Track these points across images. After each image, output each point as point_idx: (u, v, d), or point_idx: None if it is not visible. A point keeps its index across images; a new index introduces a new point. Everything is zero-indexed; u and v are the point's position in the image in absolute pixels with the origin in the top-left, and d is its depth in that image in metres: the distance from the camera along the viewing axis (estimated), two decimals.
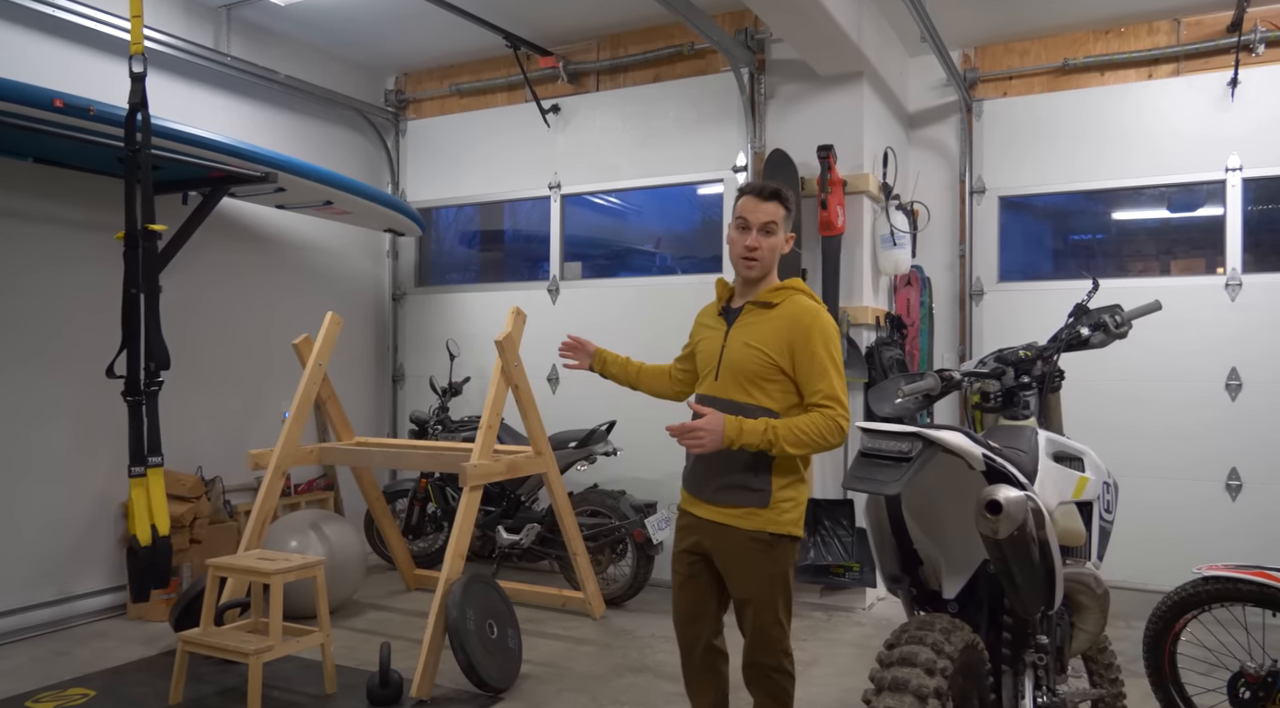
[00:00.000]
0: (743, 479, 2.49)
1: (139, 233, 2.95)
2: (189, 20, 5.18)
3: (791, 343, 2.47)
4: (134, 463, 2.98)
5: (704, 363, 2.64)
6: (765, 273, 2.59)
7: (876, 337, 5.09)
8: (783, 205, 2.56)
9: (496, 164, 6.21)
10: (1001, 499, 1.73)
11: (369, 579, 5.46)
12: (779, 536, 2.50)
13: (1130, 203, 5.43)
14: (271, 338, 5.51)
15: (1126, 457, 4.93)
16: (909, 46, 5.55)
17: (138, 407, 2.99)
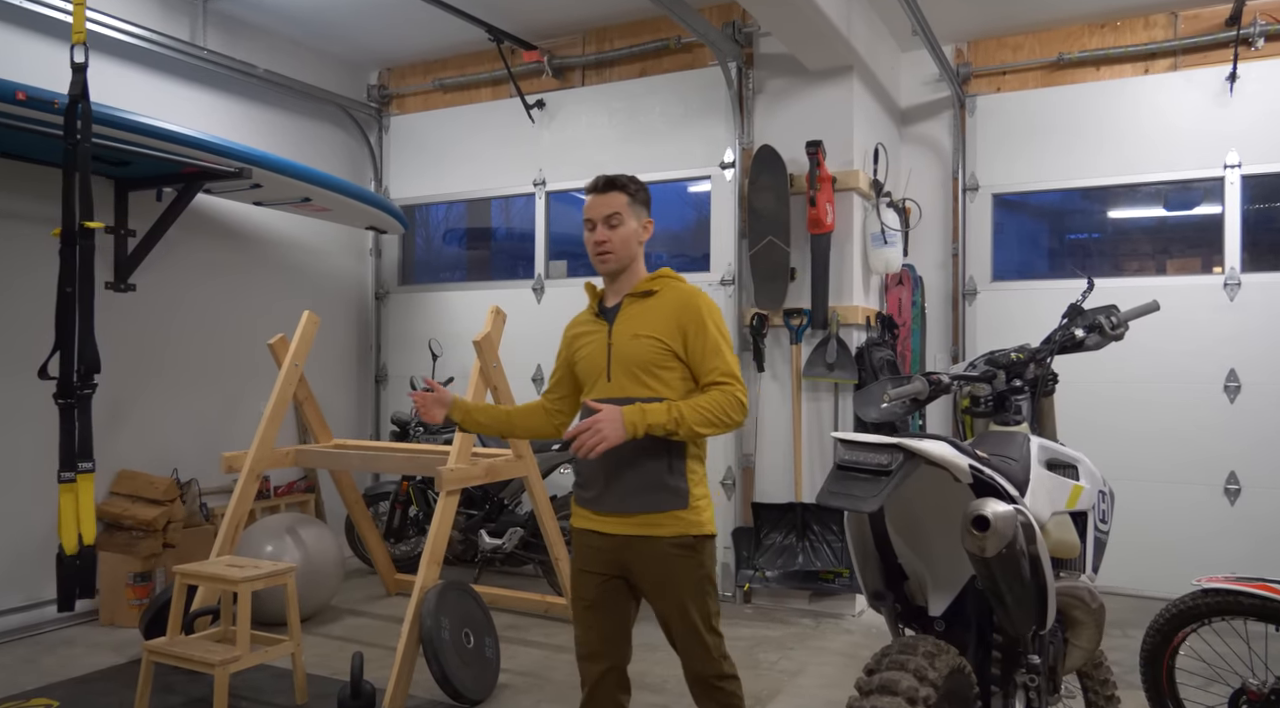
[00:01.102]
0: (659, 480, 2.34)
1: (76, 230, 2.80)
2: (164, 13, 5.05)
3: (682, 325, 2.37)
4: (63, 468, 2.83)
5: (590, 369, 2.47)
6: (625, 264, 2.47)
7: (867, 337, 4.98)
8: (623, 192, 2.46)
9: (481, 161, 6.09)
10: (989, 515, 1.62)
11: (349, 583, 5.34)
12: (701, 537, 2.38)
13: (1126, 201, 5.33)
14: (251, 337, 5.39)
15: (1122, 461, 4.84)
16: (900, 41, 5.44)
17: (69, 410, 2.84)
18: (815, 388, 4.95)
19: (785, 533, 4.85)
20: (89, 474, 2.84)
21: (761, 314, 5.02)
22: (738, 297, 5.18)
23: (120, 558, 4.48)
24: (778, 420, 5.00)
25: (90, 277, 2.82)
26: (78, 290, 2.77)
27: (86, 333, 2.82)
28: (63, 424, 2.85)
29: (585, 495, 2.47)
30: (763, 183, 4.98)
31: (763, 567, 4.84)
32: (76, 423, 2.81)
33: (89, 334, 2.83)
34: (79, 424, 2.82)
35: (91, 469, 2.84)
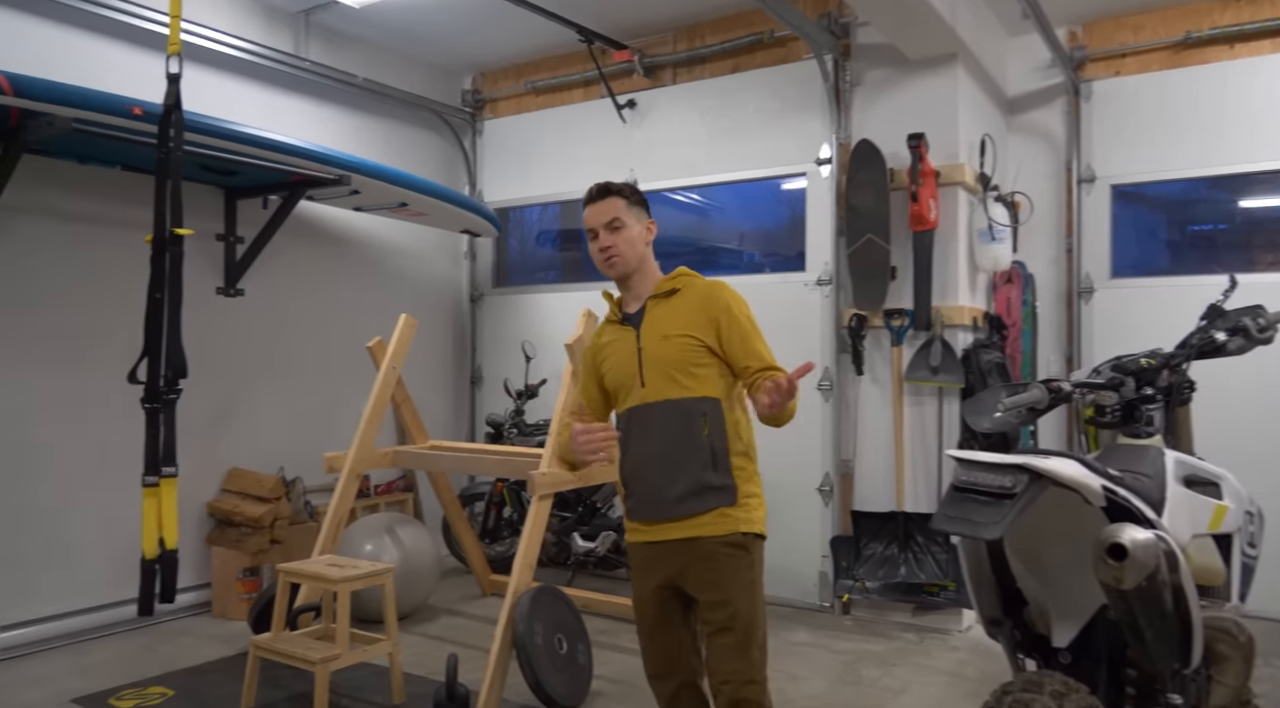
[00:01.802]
0: (705, 478, 2.27)
1: (166, 237, 2.85)
2: (269, 27, 5.21)
3: (713, 319, 2.35)
4: (147, 472, 2.87)
5: (621, 377, 2.40)
6: (634, 267, 2.44)
7: (974, 338, 4.75)
8: (618, 196, 2.45)
9: (572, 162, 6.08)
10: (1126, 542, 1.47)
11: (446, 582, 5.41)
12: (751, 535, 2.31)
13: (1261, 189, 4.93)
14: (352, 338, 5.49)
15: (1269, 476, 4.46)
16: (1008, 25, 5.17)
17: (155, 415, 2.88)
18: (918, 392, 4.75)
19: (886, 543, 4.67)
20: (172, 479, 2.88)
21: (860, 315, 4.85)
22: (835, 297, 5.02)
23: (230, 553, 4.64)
24: (878, 425, 4.82)
25: (179, 283, 2.88)
26: (166, 296, 2.82)
27: (174, 339, 2.87)
28: (148, 429, 2.88)
29: (632, 505, 2.41)
30: (861, 179, 4.80)
31: (862, 577, 4.68)
32: (161, 428, 2.86)
33: (177, 340, 2.88)
34: (164, 429, 2.87)
35: (174, 474, 2.88)
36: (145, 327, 2.87)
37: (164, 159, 2.87)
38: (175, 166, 2.86)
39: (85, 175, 4.28)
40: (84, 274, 4.37)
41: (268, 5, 5.19)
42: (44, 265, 4.24)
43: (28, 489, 4.19)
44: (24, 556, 4.16)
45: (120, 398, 4.49)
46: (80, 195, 4.34)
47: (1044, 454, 1.59)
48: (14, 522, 4.13)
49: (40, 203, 4.19)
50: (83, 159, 4.13)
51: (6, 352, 4.13)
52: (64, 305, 4.30)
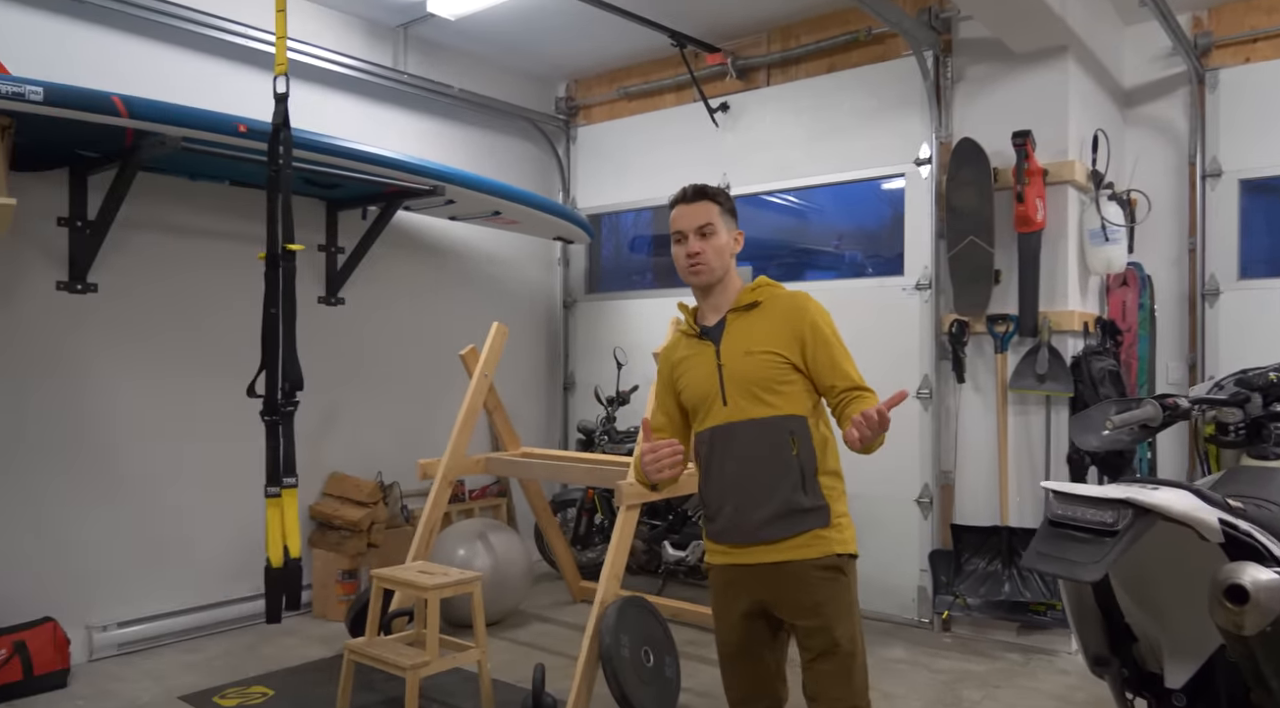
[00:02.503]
0: (795, 500, 2.17)
1: (279, 253, 2.94)
2: (369, 41, 5.36)
3: (799, 334, 2.24)
4: (270, 483, 2.95)
5: (701, 394, 2.29)
6: (718, 278, 2.32)
7: (1084, 345, 4.49)
8: (714, 202, 2.34)
9: (664, 167, 6.05)
10: (1247, 584, 1.33)
11: (538, 588, 5.45)
12: (846, 555, 2.22)
13: None
14: (448, 345, 5.59)
15: None
16: (1124, 13, 4.88)
17: (274, 427, 2.97)
18: (1023, 401, 4.52)
19: (989, 559, 4.47)
20: (293, 489, 2.96)
21: (961, 321, 4.65)
22: (935, 302, 4.83)
23: (330, 556, 4.79)
24: (980, 436, 4.61)
25: (292, 297, 2.96)
26: (281, 311, 2.91)
27: (290, 352, 2.95)
28: (269, 441, 2.98)
29: (715, 527, 2.31)
30: (963, 178, 4.61)
31: (963, 594, 4.48)
32: (281, 439, 2.95)
33: (292, 353, 2.96)
34: (283, 440, 2.95)
35: (295, 484, 2.96)
36: (262, 341, 2.97)
37: (274, 177, 2.96)
38: (285, 184, 2.95)
39: (197, 191, 4.49)
40: (199, 287, 4.58)
41: (369, 21, 5.34)
42: (162, 279, 4.46)
43: (151, 493, 4.41)
44: (146, 556, 4.39)
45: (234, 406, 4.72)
46: (193, 210, 4.55)
47: (1152, 484, 1.45)
48: (138, 524, 4.36)
49: (156, 218, 4.42)
50: (193, 175, 4.34)
51: (134, 363, 4.35)
52: (182, 317, 4.52)
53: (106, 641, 4.19)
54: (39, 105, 3.20)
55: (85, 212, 4.03)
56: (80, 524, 4.17)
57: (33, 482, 4.04)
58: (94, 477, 4.21)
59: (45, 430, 4.07)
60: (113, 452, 4.28)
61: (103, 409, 4.25)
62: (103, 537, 4.24)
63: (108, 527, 4.25)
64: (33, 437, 4.04)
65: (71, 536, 4.15)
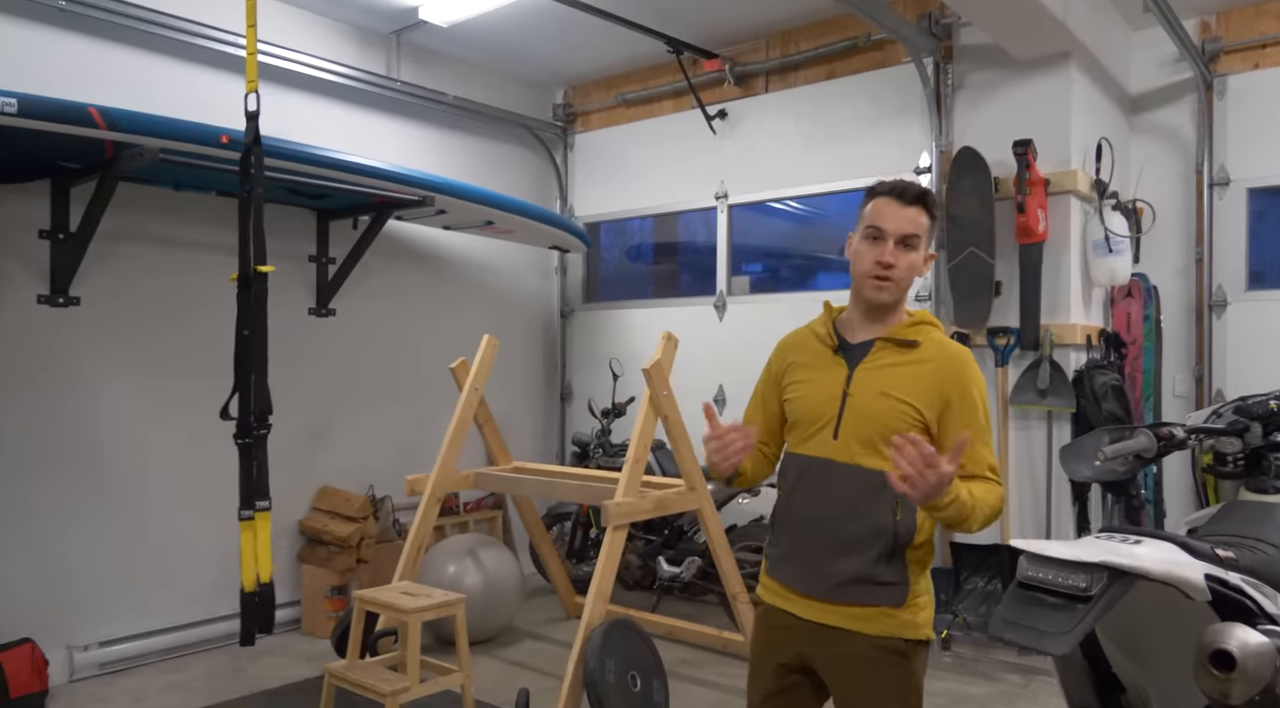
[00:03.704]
0: (875, 569, 1.90)
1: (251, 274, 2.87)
2: (362, 49, 5.30)
3: (945, 395, 1.92)
4: (243, 507, 2.89)
5: (811, 414, 2.01)
6: (899, 298, 2.01)
7: (1087, 358, 4.38)
8: (928, 213, 1.99)
9: (662, 175, 5.97)
10: (1235, 650, 1.23)
11: (533, 602, 5.38)
12: (915, 642, 1.94)
13: None
14: (442, 356, 5.51)
15: None
16: (1130, 18, 4.77)
17: (247, 450, 2.90)
18: (1025, 416, 4.42)
19: (989, 578, 4.36)
20: (266, 512, 2.90)
21: (962, 333, 4.55)
22: (935, 313, 4.71)
23: (319, 571, 4.72)
24: None
25: (263, 319, 2.90)
26: (252, 333, 2.84)
27: (260, 376, 2.89)
28: (242, 464, 2.91)
29: (779, 564, 2.07)
30: (963, 188, 4.51)
31: (963, 613, 4.38)
32: (254, 462, 2.88)
33: (262, 377, 2.90)
34: (256, 464, 2.89)
35: (268, 507, 2.90)
36: (235, 363, 2.89)
37: (245, 197, 2.89)
38: (257, 204, 2.88)
39: (182, 202, 4.43)
40: (184, 300, 4.52)
41: (360, 28, 5.28)
42: (146, 292, 4.40)
43: (134, 510, 4.34)
44: (128, 574, 4.32)
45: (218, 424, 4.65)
46: (178, 221, 4.48)
47: (1135, 535, 1.36)
48: (120, 541, 4.29)
49: (140, 230, 4.36)
50: (178, 186, 4.28)
51: (117, 378, 4.29)
52: (166, 332, 4.45)
53: (87, 661, 4.13)
54: (13, 117, 3.14)
55: (67, 223, 3.97)
56: (61, 542, 4.12)
57: (12, 498, 3.97)
58: (75, 494, 4.16)
59: (24, 446, 4.01)
60: (94, 468, 4.22)
61: (84, 425, 4.19)
62: (84, 554, 4.18)
63: (90, 544, 4.20)
64: (11, 452, 3.98)
65: (52, 553, 4.09)
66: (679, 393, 4.05)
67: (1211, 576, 1.38)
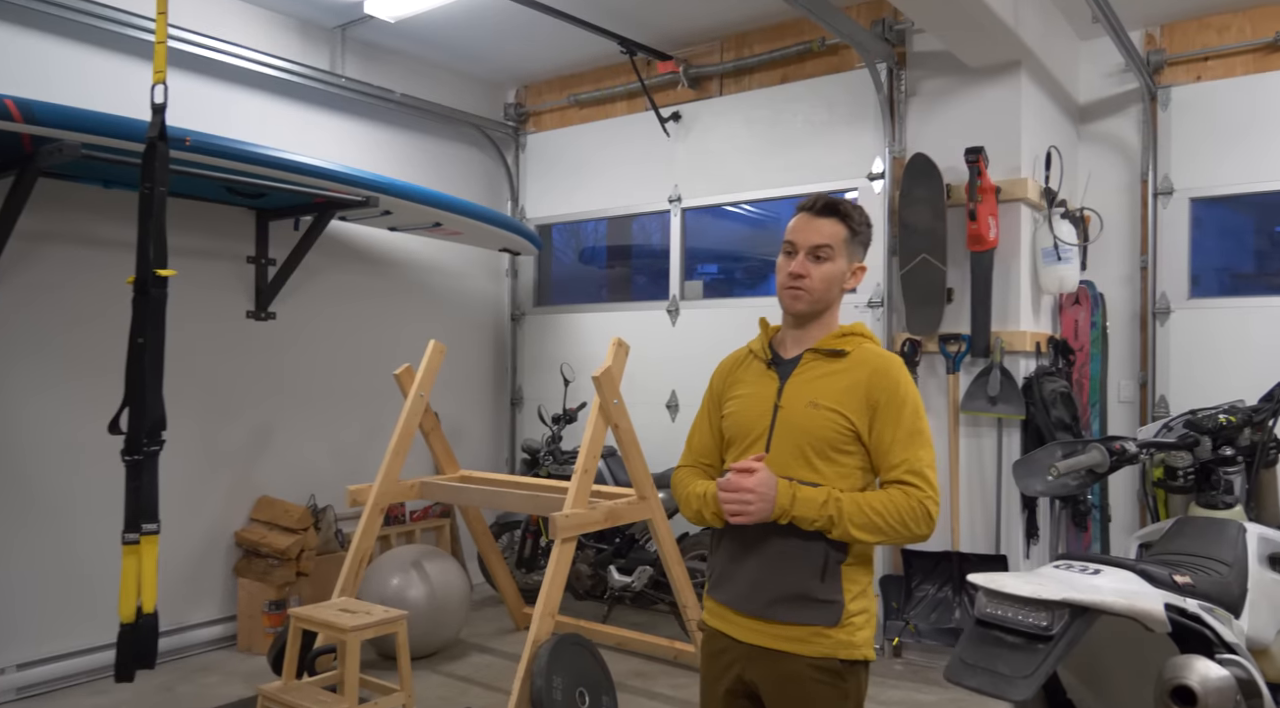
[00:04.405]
0: (808, 587, 1.88)
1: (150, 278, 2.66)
2: (305, 44, 5.13)
3: (874, 402, 1.91)
4: (127, 529, 2.63)
5: (743, 428, 2.01)
6: (817, 309, 2.00)
7: (1036, 365, 4.41)
8: (843, 223, 1.99)
9: (615, 177, 5.89)
10: (1195, 685, 1.20)
11: (481, 613, 5.27)
12: (852, 662, 1.91)
13: None
14: (389, 361, 5.36)
15: None
16: (1078, 28, 4.81)
17: (136, 468, 2.65)
18: (975, 423, 4.42)
19: (939, 585, 4.36)
20: (154, 536, 2.63)
21: (914, 340, 4.54)
22: (887, 320, 4.72)
23: (257, 585, 4.56)
24: None
25: (161, 327, 2.67)
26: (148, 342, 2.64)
27: (155, 388, 2.66)
28: (129, 482, 2.67)
29: (717, 585, 2.04)
30: (916, 195, 4.50)
31: (913, 620, 4.37)
32: (143, 482, 2.66)
33: (157, 389, 2.68)
34: (144, 483, 2.65)
35: (156, 531, 2.63)
36: (126, 373, 2.68)
37: (147, 196, 2.69)
38: (159, 205, 2.68)
39: (111, 199, 4.23)
40: (109, 304, 4.29)
41: (303, 21, 5.12)
42: (69, 294, 4.18)
43: (54, 526, 4.13)
44: (49, 592, 4.10)
45: None
46: (105, 220, 4.28)
47: (1095, 565, 1.31)
48: (40, 559, 4.08)
49: (63, 229, 4.15)
50: (107, 183, 4.09)
51: (35, 389, 4.08)
52: (89, 339, 4.22)
53: (5, 685, 3.91)
54: None
55: None
56: None
57: None
58: None
59: None
60: (12, 484, 4.00)
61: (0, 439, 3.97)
62: (1, 573, 3.96)
63: (5, 563, 3.97)
64: None
65: None
66: (631, 399, 3.98)
67: (1171, 605, 1.35)
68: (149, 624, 2.64)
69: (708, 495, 2.00)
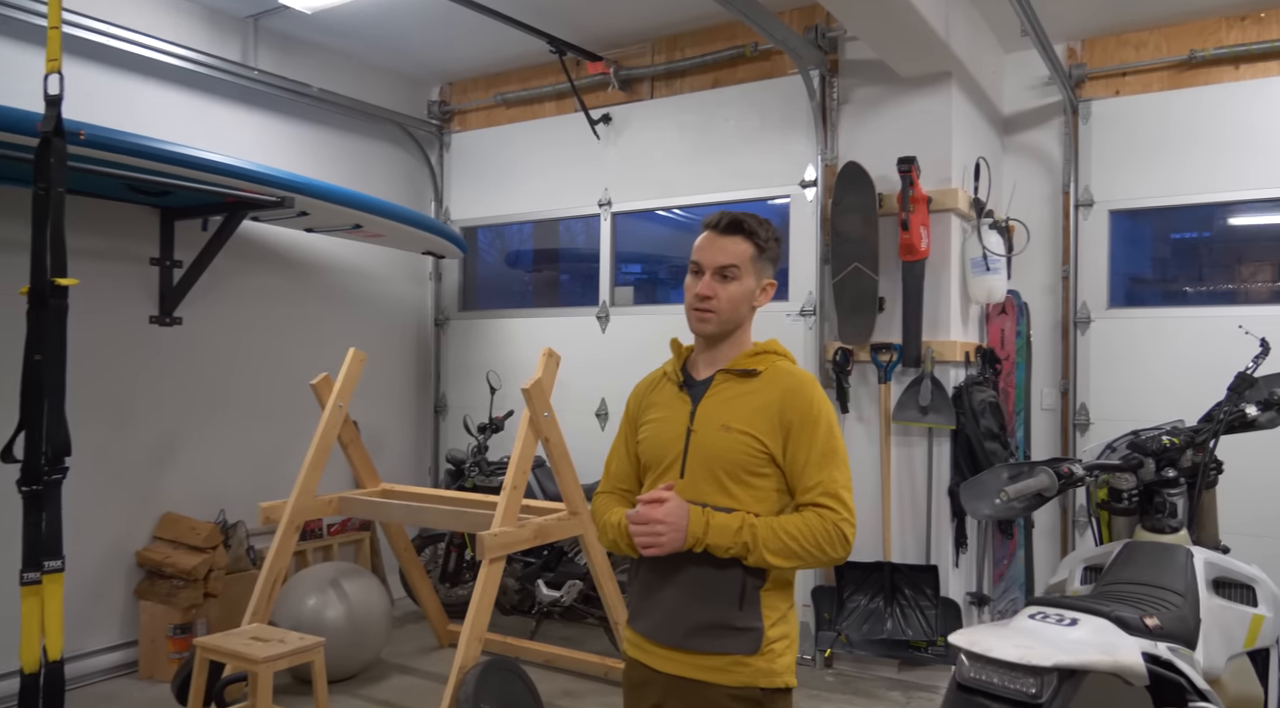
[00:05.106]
0: (726, 615, 1.84)
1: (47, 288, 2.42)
2: (213, 33, 4.85)
3: (787, 422, 1.87)
4: (27, 568, 2.37)
5: (658, 453, 1.96)
6: (726, 329, 1.95)
7: (966, 375, 4.44)
8: (749, 241, 1.93)
9: (544, 179, 5.75)
10: None
11: (404, 630, 5.08)
12: (773, 690, 1.87)
13: (1267, 217, 4.64)
14: (307, 368, 5.09)
15: None
16: (1004, 41, 4.87)
17: (35, 499, 2.39)
18: (907, 433, 4.43)
19: (871, 595, 4.35)
20: (58, 574, 2.40)
21: (845, 349, 4.53)
22: (819, 329, 4.70)
23: (160, 608, 4.28)
24: (864, 469, 4.49)
25: (62, 342, 2.43)
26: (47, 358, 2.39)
27: (56, 409, 2.41)
28: (27, 516, 2.40)
29: (636, 615, 1.98)
30: (848, 203, 4.49)
31: (845, 631, 4.35)
32: (45, 514, 2.41)
33: (59, 410, 2.42)
34: (47, 516, 2.40)
35: (61, 569, 2.39)
36: (22, 394, 2.41)
37: (42, 198, 2.43)
38: (57, 208, 2.43)
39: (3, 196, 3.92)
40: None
41: (212, 9, 4.83)
42: None
43: None
44: None
45: None
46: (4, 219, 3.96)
47: (1070, 615, 1.26)
48: None
49: None
50: None
51: None
52: None
53: None
54: None
55: None
56: None
57: None
58: None
59: None
60: None
61: None
62: None
63: None
64: None
65: None
66: (560, 407, 3.85)
67: (1147, 654, 1.30)
68: (55, 674, 2.37)
69: (621, 526, 1.93)
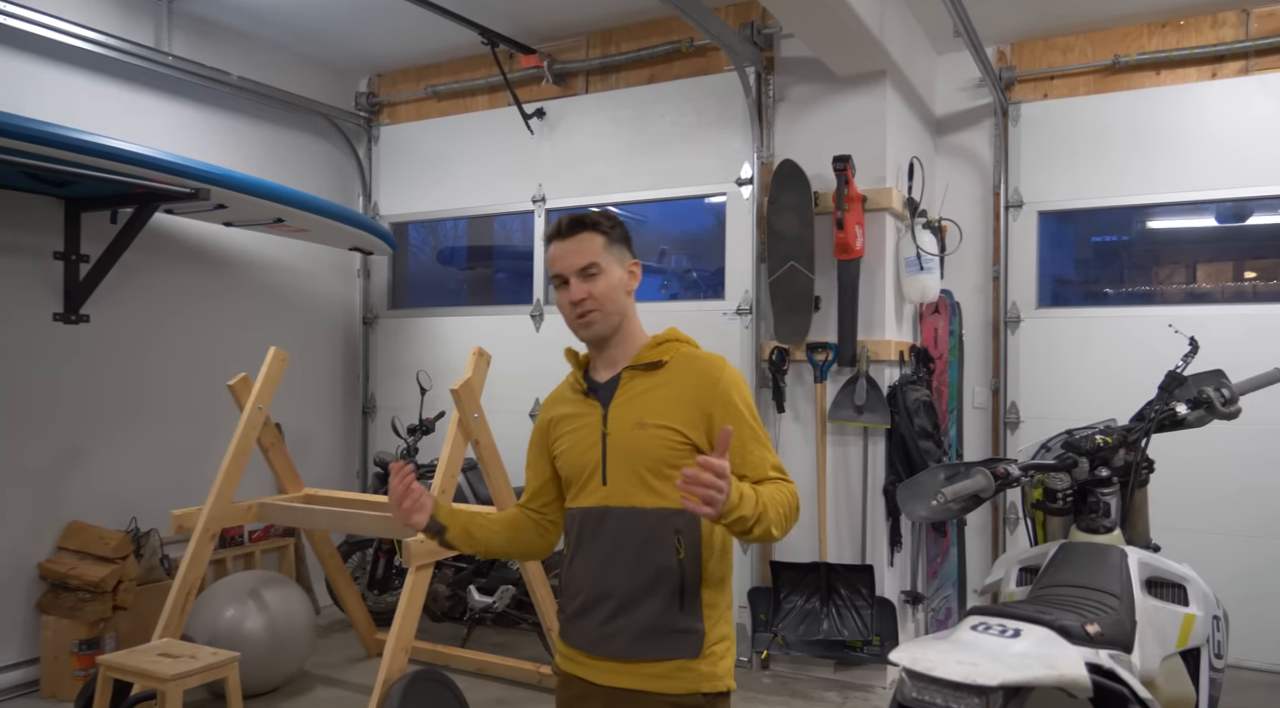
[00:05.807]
0: (667, 618, 1.77)
1: None
2: (125, 16, 4.60)
3: (707, 409, 1.81)
4: None
5: (578, 466, 1.88)
6: (613, 323, 1.88)
7: (900, 375, 4.45)
8: (595, 232, 1.88)
9: (476, 175, 5.61)
10: None
11: (330, 639, 4.90)
12: (715, 695, 1.81)
13: (1189, 219, 4.77)
14: (225, 368, 4.87)
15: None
16: (936, 42, 4.91)
17: None
18: (842, 432, 4.43)
19: (807, 596, 4.34)
20: None
21: (782, 348, 4.51)
22: (755, 328, 4.67)
23: (64, 623, 4.03)
24: (800, 468, 4.47)
25: None
26: None
27: None
28: None
29: (569, 627, 1.89)
30: (784, 202, 4.46)
31: (782, 632, 4.33)
32: None
33: None
34: None
35: None
36: None
37: None
38: None
39: None
40: None
41: None
42: None
43: None
44: None
45: None
46: None
47: (1012, 625, 1.22)
48: None
49: None
50: None
51: None
52: None
53: None
54: None
55: None
56: None
57: None
58: None
59: None
60: None
61: None
62: None
63: None
64: None
65: None
66: (491, 408, 3.74)
67: (1090, 664, 1.27)
68: None
69: None
